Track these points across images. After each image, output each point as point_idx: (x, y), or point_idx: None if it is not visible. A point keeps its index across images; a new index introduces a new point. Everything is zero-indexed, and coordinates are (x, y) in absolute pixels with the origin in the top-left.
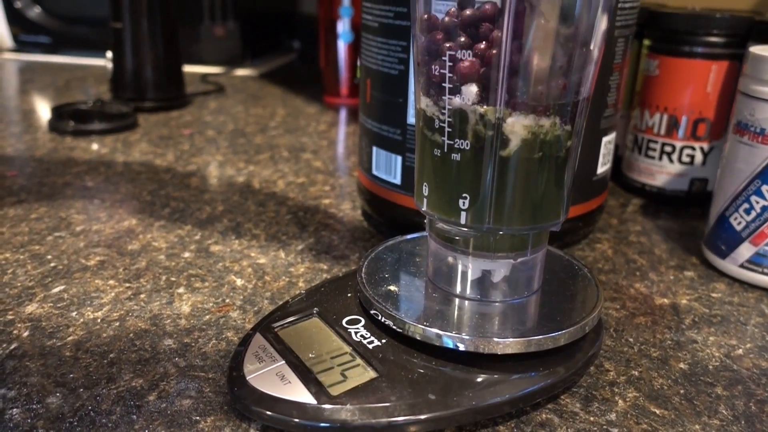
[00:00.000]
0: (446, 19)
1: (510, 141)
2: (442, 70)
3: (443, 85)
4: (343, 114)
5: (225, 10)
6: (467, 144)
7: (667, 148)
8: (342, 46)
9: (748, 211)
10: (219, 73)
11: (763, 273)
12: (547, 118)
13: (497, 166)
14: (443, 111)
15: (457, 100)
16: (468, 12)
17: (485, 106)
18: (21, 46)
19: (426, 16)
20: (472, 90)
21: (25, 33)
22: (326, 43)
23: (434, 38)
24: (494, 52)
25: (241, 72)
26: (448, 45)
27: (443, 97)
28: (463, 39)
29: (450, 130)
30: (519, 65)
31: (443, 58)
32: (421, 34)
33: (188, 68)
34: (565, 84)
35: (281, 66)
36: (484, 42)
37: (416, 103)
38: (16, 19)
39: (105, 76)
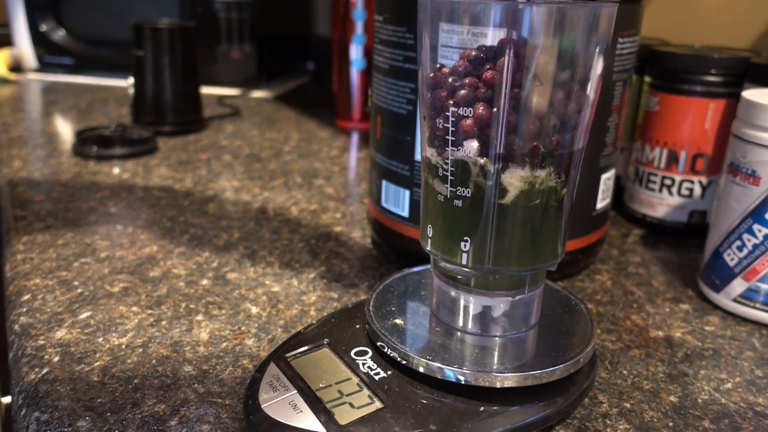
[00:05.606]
0: (450, 79)
1: (508, 191)
2: (445, 125)
3: (447, 137)
4: (354, 138)
5: (242, 33)
6: (468, 192)
7: (667, 181)
8: (354, 72)
9: (740, 248)
10: (235, 95)
11: (754, 307)
12: (542, 170)
13: (496, 213)
14: (446, 161)
15: (459, 153)
16: (467, 81)
17: (485, 159)
18: (44, 66)
19: (432, 74)
20: (473, 145)
21: (49, 54)
22: (339, 66)
23: (439, 95)
24: (493, 111)
25: (256, 94)
26: (451, 102)
27: (446, 149)
28: (465, 96)
29: (453, 178)
30: (516, 124)
31: (447, 113)
32: (427, 91)
33: (205, 89)
34: (559, 140)
35: (295, 88)
36: (483, 105)
37: (422, 151)
38: (41, 42)
39: (125, 98)
